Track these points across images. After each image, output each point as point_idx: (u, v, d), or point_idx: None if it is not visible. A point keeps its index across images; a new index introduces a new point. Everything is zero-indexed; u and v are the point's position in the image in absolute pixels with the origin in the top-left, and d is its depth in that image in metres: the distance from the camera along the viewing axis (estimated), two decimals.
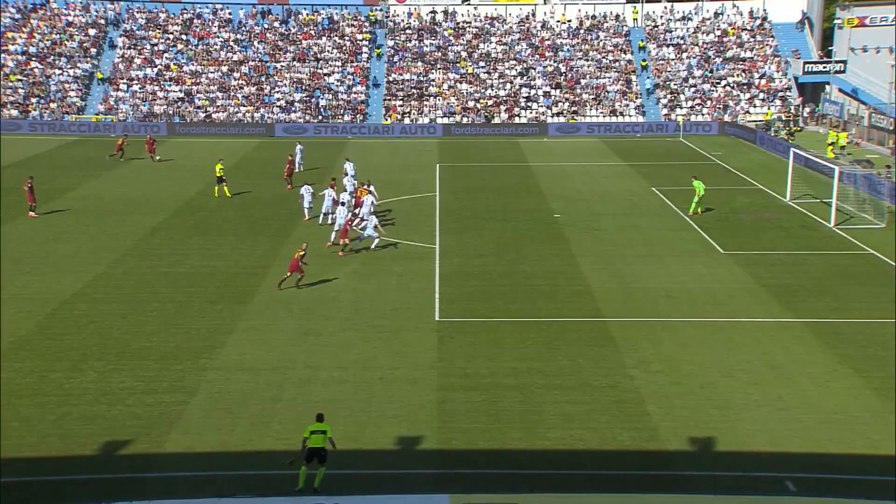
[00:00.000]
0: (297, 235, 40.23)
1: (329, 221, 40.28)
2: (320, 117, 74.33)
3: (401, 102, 76.59)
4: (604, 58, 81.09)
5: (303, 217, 42.51)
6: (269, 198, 48.22)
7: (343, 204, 38.96)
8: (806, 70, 77.28)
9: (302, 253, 32.45)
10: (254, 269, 34.98)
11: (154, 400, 23.36)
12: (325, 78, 78.23)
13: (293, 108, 74.88)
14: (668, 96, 77.07)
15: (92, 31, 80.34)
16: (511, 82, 78.94)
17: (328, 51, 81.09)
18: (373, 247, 37.13)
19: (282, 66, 79.07)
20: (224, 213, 44.61)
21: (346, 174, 47.28)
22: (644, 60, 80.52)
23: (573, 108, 75.87)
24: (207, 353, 26.35)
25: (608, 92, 77.62)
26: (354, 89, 77.52)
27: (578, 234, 40.12)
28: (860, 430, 21.73)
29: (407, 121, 74.84)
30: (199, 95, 75.74)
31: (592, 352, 26.42)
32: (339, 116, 74.76)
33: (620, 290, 32.29)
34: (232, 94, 76.02)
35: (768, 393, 23.60)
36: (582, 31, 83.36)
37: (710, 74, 79.18)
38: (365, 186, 41.59)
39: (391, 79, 79.00)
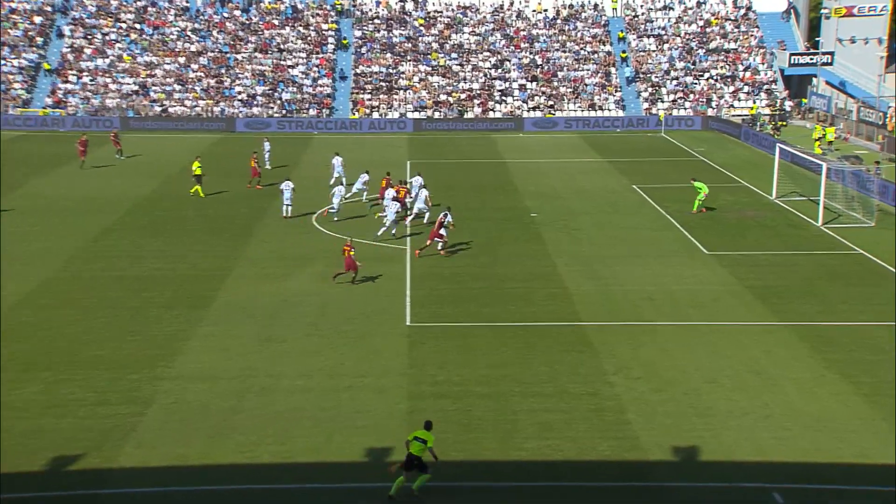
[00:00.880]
0: (261, 235, 40.07)
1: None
2: (284, 112, 74.06)
3: (369, 96, 76.49)
4: (582, 49, 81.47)
5: (282, 214, 42.51)
6: (230, 196, 47.96)
7: (365, 188, 41.71)
8: (792, 62, 78.09)
9: (351, 251, 32.66)
10: (213, 271, 34.77)
11: (106, 411, 23.15)
12: (289, 70, 77.96)
13: (255, 102, 74.54)
14: (649, 89, 77.59)
15: (38, 19, 79.50)
16: (485, 75, 79.09)
17: (292, 41, 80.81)
18: (394, 231, 38.69)
19: (243, 57, 78.67)
20: (181, 212, 44.30)
21: (334, 169, 48.33)
22: (624, 52, 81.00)
23: (550, 102, 76.16)
24: (163, 362, 26.16)
25: (586, 85, 77.99)
26: (320, 82, 77.30)
27: (555, 234, 40.24)
28: (849, 438, 21.97)
29: (376, 115, 74.76)
30: (154, 88, 75.18)
31: (570, 357, 26.51)
32: (304, 111, 74.54)
33: (599, 293, 32.43)
34: (189, 86, 75.53)
35: (753, 400, 23.81)
36: (559, 21, 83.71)
37: (692, 67, 79.79)
38: (387, 178, 43.27)
39: (359, 71, 78.87)
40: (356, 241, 36.67)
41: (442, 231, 36.39)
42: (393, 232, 39.20)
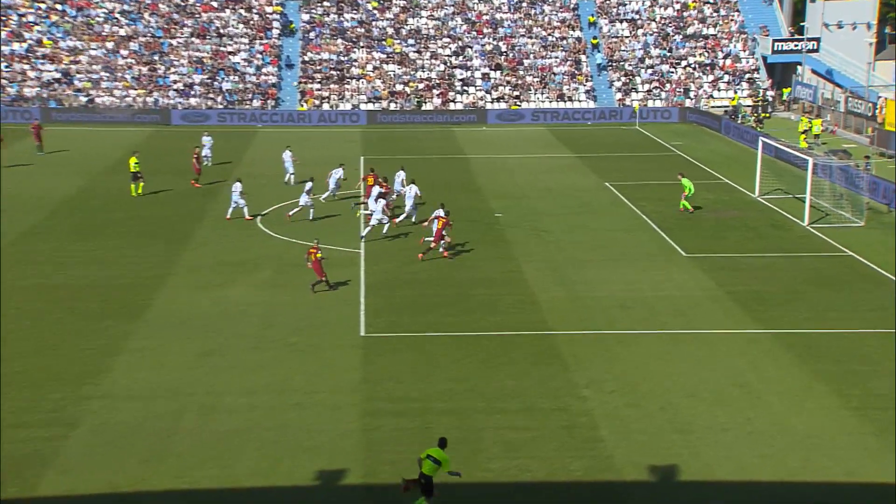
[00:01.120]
0: (200, 239, 39.78)
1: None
2: (225, 103, 73.61)
3: (318, 86, 76.26)
4: (549, 35, 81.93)
5: (235, 215, 42.54)
6: (166, 196, 47.56)
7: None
8: (775, 49, 79.10)
9: (318, 253, 32.60)
10: (146, 279, 34.48)
11: (26, 435, 22.83)
12: (230, 57, 77.50)
13: (192, 92, 74.00)
14: (623, 79, 78.21)
15: None
16: (445, 63, 79.21)
17: (233, 25, 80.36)
18: (385, 231, 39.20)
19: (178, 42, 78.05)
20: (111, 213, 43.86)
21: (285, 164, 49.18)
22: (595, 38, 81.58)
23: (515, 93, 76.48)
24: (91, 379, 25.86)
25: (555, 74, 78.43)
26: (264, 70, 76.94)
27: (522, 237, 40.39)
28: (838, 455, 22.28)
29: (326, 107, 74.58)
30: (79, 76, 74.33)
31: (538, 370, 26.62)
32: (247, 102, 74.13)
33: (569, 300, 32.60)
34: (119, 75, 74.79)
35: (736, 415, 24.06)
36: (524, 5, 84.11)
37: (668, 54, 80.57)
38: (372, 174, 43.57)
39: (307, 58, 78.61)
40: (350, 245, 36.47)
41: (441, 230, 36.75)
42: (384, 231, 39.53)
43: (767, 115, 73.38)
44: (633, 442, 22.67)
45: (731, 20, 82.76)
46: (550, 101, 76.11)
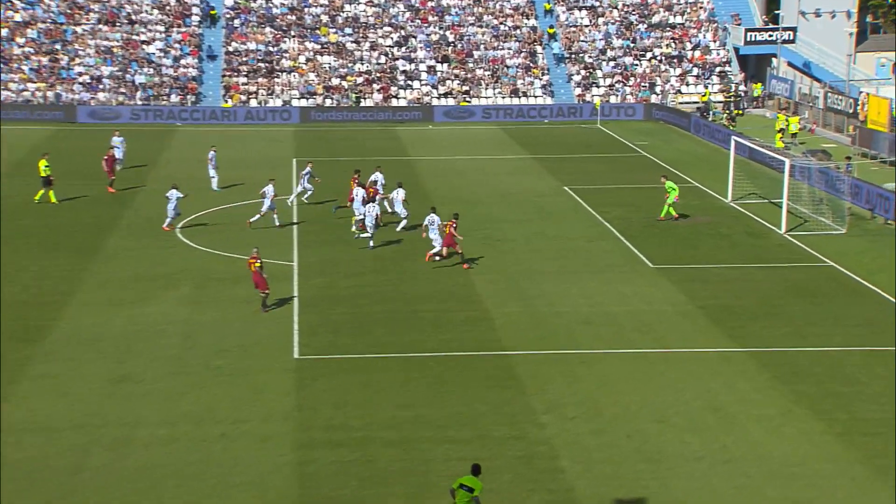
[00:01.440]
0: (112, 250, 39.37)
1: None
2: (138, 98, 72.91)
3: (245, 80, 75.85)
4: (502, 24, 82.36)
5: (164, 224, 42.09)
6: (74, 203, 46.96)
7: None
8: (748, 39, 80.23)
9: (258, 263, 32.21)
10: (50, 295, 34.00)
11: None
12: (144, 47, 76.79)
13: (101, 87, 73.19)
14: (582, 72, 78.83)
15: None
16: (386, 54, 79.23)
17: (146, 11, 79.67)
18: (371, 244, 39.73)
19: (84, 30, 77.20)
20: (10, 221, 43.19)
21: (210, 164, 49.39)
22: (551, 27, 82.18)
23: (465, 88, 76.71)
24: None
25: (508, 67, 78.81)
26: (183, 62, 76.35)
27: (474, 246, 40.47)
28: (821, 485, 22.54)
29: (253, 103, 74.19)
30: None
31: (492, 394, 26.64)
32: (164, 97, 73.50)
33: (527, 316, 32.70)
34: (15, 66, 73.74)
35: (709, 441, 24.28)
36: None
37: (632, 45, 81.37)
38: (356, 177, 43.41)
39: (231, 49, 78.16)
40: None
41: (435, 235, 37.33)
42: (371, 244, 39.62)
43: (740, 112, 74.29)
44: (596, 473, 22.76)
45: (700, 8, 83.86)
46: (503, 97, 76.44)
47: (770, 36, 79.35)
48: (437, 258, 37.83)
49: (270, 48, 78.63)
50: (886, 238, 42.08)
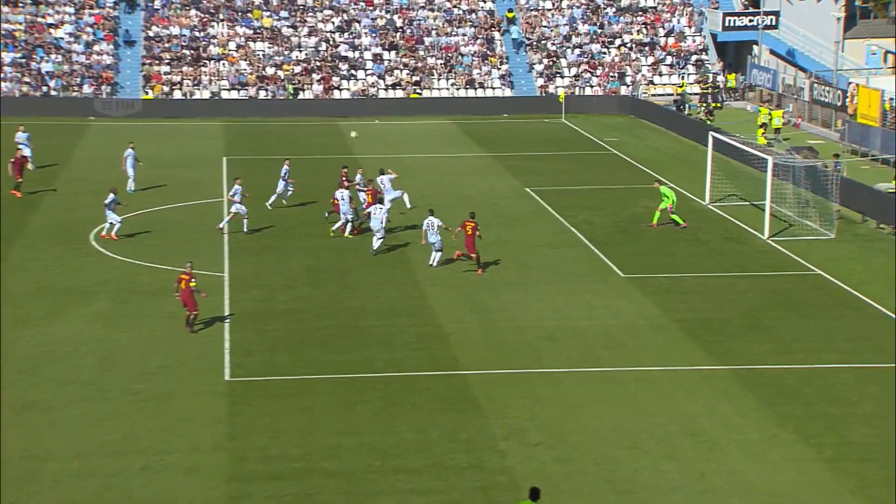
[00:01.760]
0: (17, 260, 38.94)
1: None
2: (45, 89, 72.20)
3: (167, 69, 75.40)
4: (455, 7, 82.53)
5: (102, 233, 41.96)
6: None
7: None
8: (727, 24, 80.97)
9: (191, 281, 31.92)
10: None
11: None
12: (51, 31, 76.08)
13: (2, 76, 72.40)
14: (545, 61, 79.16)
15: None
16: (327, 41, 79.09)
17: None
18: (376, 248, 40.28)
19: None
20: None
21: (126, 163, 49.39)
22: (510, 11, 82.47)
23: (415, 78, 76.75)
24: None
25: (462, 55, 78.96)
26: (96, 49, 75.75)
27: (425, 255, 40.48)
28: None
29: (178, 95, 73.76)
30: None
31: (447, 419, 26.64)
32: (75, 88, 72.83)
33: (484, 332, 32.75)
34: None
35: (687, 469, 24.41)
36: None
37: (600, 31, 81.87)
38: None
39: (152, 34, 77.68)
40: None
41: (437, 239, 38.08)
42: (375, 248, 40.20)
43: (718, 104, 74.99)
44: None
45: None
46: (458, 89, 76.58)
47: (750, 21, 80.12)
48: (448, 262, 38.20)
49: (196, 33, 78.24)
50: (879, 243, 42.65)
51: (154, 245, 41.44)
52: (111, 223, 41.83)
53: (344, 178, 43.99)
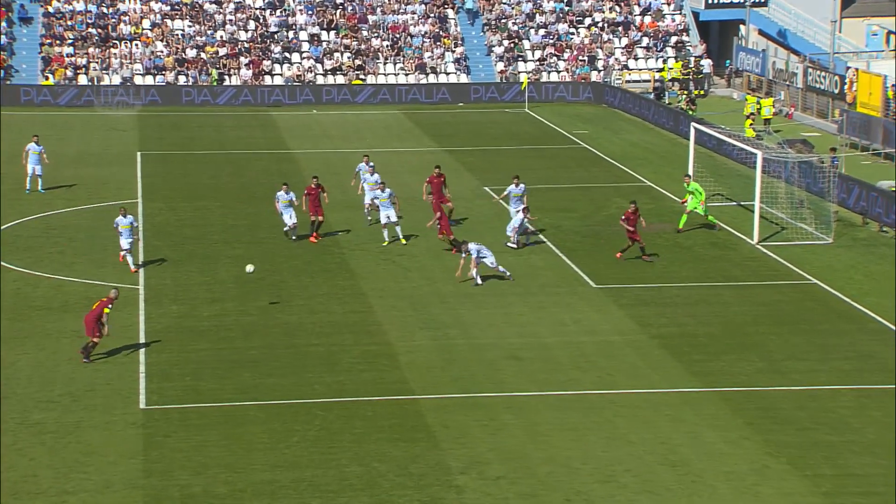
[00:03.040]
0: None
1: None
2: None
3: (70, 50, 74.85)
4: None
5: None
6: None
7: None
8: (710, 1, 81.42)
9: (107, 307, 31.49)
10: None
11: None
12: None
13: None
14: (506, 43, 79.32)
15: None
16: (256, 19, 78.84)
17: None
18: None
19: None
20: None
21: (28, 158, 49.04)
22: None
23: (358, 62, 76.66)
24: None
25: (412, 36, 78.96)
26: None
27: (372, 263, 40.44)
28: None
29: (83, 80, 73.23)
30: None
31: (396, 450, 26.63)
32: None
33: (439, 350, 32.76)
34: None
35: None
36: None
37: (567, 8, 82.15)
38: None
39: (51, 10, 77.10)
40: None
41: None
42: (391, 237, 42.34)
43: (701, 92, 75.44)
44: None
45: None
46: (407, 74, 76.56)
47: None
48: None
49: (104, 9, 77.77)
50: (881, 249, 43.03)
51: (57, 253, 41.11)
52: (127, 249, 39.40)
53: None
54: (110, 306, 31.83)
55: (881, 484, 25.25)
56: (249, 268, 36.48)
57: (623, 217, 40.48)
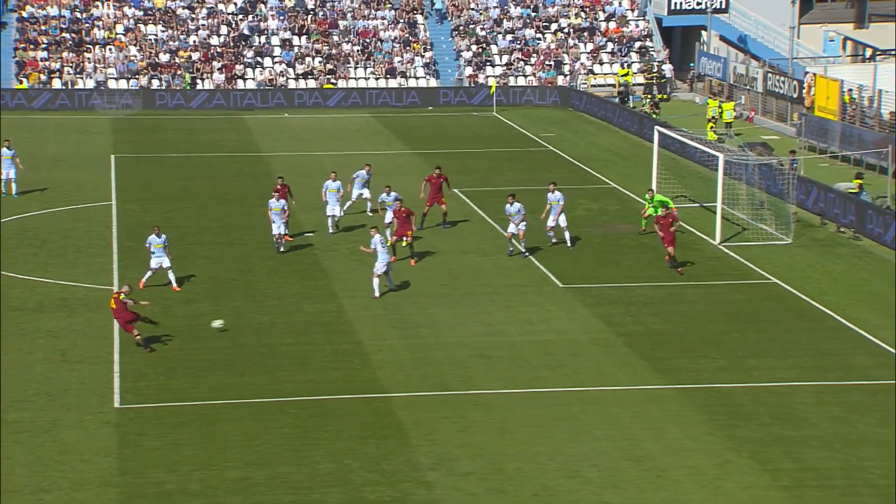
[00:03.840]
0: None
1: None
2: None
3: (45, 54, 74.47)
4: None
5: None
6: None
7: None
8: (673, 7, 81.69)
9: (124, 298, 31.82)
10: None
11: None
12: None
13: None
14: (474, 48, 79.37)
15: None
16: (229, 24, 78.64)
17: None
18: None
19: None
20: None
21: (2, 167, 48.35)
22: None
23: (329, 66, 76.57)
24: None
25: (381, 41, 78.93)
26: None
27: (343, 263, 40.42)
28: None
29: (57, 84, 72.88)
30: None
31: (368, 447, 26.62)
32: None
33: (409, 349, 32.78)
34: None
35: (633, 500, 24.55)
36: None
37: (534, 14, 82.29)
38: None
39: (25, 14, 76.68)
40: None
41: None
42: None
43: (665, 96, 75.72)
44: None
45: None
46: (377, 79, 76.52)
47: (698, 4, 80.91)
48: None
49: (78, 14, 77.39)
50: (839, 249, 43.28)
51: (31, 255, 40.90)
52: (165, 268, 37.69)
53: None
54: (123, 295, 31.98)
55: (838, 477, 25.46)
56: (217, 323, 33.68)
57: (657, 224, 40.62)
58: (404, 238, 39.89)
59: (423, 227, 44.06)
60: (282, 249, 40.97)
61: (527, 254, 40.95)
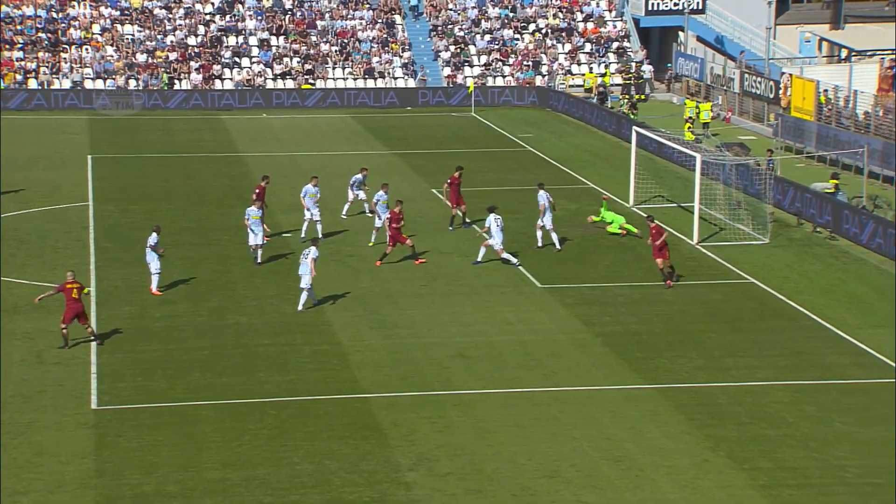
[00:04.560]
0: None
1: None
2: None
3: (21, 54, 74.17)
4: None
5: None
6: None
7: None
8: (650, 8, 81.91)
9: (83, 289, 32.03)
10: None
11: None
12: None
13: None
14: (452, 48, 79.40)
15: None
16: (206, 24, 78.47)
17: None
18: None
19: None
20: None
21: None
22: None
23: (307, 67, 76.48)
24: None
25: (360, 41, 78.87)
26: None
27: (321, 264, 40.30)
28: None
29: (33, 84, 72.60)
30: None
31: (347, 447, 26.61)
32: None
33: (388, 350, 32.79)
34: None
35: (612, 500, 24.60)
36: None
37: (512, 15, 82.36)
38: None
39: (2, 14, 76.28)
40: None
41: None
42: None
43: (642, 96, 75.87)
44: None
45: None
46: (355, 79, 76.46)
47: (676, 4, 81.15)
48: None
49: (54, 14, 77.10)
50: (815, 249, 43.45)
51: (8, 256, 40.78)
52: (156, 273, 37.39)
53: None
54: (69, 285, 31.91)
55: (815, 476, 25.60)
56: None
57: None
58: (406, 244, 40.03)
59: (455, 228, 44.42)
60: (259, 261, 40.17)
61: (517, 264, 40.61)
